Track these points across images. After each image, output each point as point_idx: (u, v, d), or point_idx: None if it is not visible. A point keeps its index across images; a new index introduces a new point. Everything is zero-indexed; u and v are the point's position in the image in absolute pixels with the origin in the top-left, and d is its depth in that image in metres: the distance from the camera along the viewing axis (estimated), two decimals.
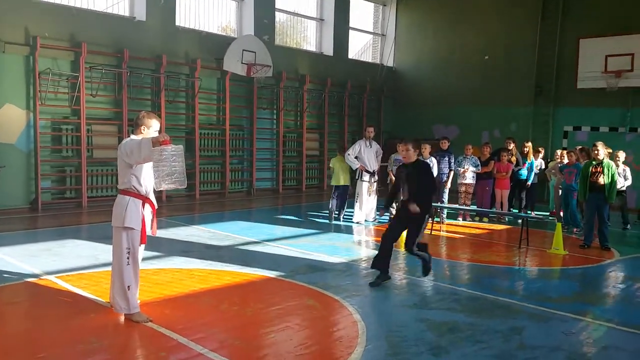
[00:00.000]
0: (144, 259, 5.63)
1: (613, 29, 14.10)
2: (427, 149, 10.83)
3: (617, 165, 10.28)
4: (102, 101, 12.20)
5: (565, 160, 10.78)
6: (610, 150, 9.91)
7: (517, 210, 11.94)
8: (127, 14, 12.94)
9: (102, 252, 7.50)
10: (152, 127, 5.05)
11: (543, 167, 12.53)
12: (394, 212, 6.88)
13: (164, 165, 4.63)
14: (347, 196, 11.17)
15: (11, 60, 10.91)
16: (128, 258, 4.96)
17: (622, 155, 10.70)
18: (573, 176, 10.17)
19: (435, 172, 10.82)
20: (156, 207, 5.28)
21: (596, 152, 8.89)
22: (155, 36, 13.00)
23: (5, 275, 6.42)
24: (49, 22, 11.34)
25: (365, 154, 10.84)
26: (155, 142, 4.66)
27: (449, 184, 11.24)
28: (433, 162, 10.80)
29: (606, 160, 8.89)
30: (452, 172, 11.26)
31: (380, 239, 6.87)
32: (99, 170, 12.22)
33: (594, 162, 8.91)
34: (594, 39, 14.47)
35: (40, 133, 11.26)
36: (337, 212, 11.04)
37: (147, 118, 5.07)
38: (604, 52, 14.14)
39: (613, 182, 8.73)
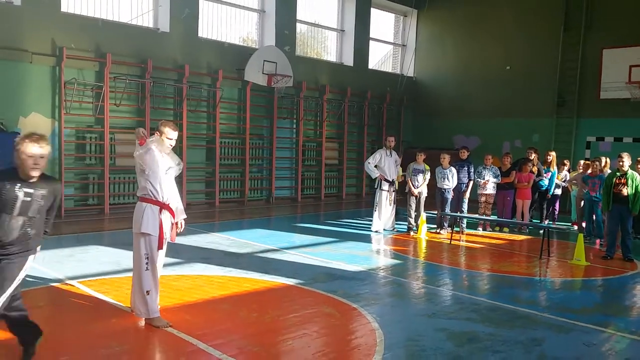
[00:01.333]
0: (164, 265, 5.70)
1: (637, 39, 13.92)
2: (446, 158, 10.82)
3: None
4: (126, 110, 12.41)
5: (587, 170, 10.62)
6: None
7: (538, 221, 11.80)
8: (151, 25, 13.17)
9: (124, 258, 7.60)
10: (164, 134, 5.10)
11: (568, 178, 12.34)
12: None
13: None
14: None
15: (38, 70, 11.17)
16: (147, 263, 5.03)
17: None
18: (597, 187, 9.97)
19: (455, 182, 10.81)
20: (185, 216, 5.34)
21: (621, 163, 8.74)
22: (178, 47, 13.21)
23: (29, 279, 6.51)
24: (75, 33, 11.59)
25: (386, 163, 10.85)
26: (137, 137, 5.02)
27: (468, 194, 11.17)
28: (453, 172, 10.78)
29: (630, 172, 8.76)
30: (471, 182, 11.20)
31: (396, 247, 6.82)
32: (121, 178, 12.41)
33: (617, 173, 8.78)
34: (618, 49, 14.31)
35: (65, 141, 11.48)
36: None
37: (162, 126, 5.14)
38: (628, 62, 13.96)
39: (637, 193, 8.58)
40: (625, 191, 8.59)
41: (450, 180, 10.77)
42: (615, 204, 8.75)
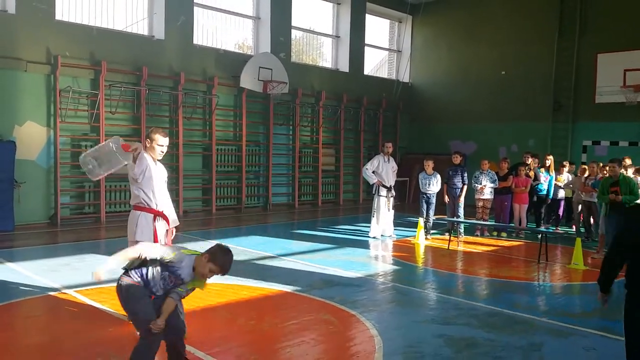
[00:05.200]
0: None
1: (631, 44, 14.00)
2: (429, 165, 10.87)
3: (625, 170, 9.63)
4: (121, 118, 12.38)
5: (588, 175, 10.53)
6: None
7: (534, 225, 11.78)
8: (146, 33, 13.17)
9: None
10: (154, 142, 5.09)
11: (566, 182, 12.30)
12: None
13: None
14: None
15: (33, 78, 11.13)
16: None
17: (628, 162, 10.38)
18: None
19: (438, 187, 10.85)
20: (177, 223, 5.33)
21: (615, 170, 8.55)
22: (174, 54, 13.20)
23: (25, 289, 6.49)
24: (69, 41, 11.57)
25: (384, 169, 10.85)
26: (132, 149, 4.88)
27: (462, 199, 11.13)
28: (437, 178, 10.88)
29: (622, 176, 8.58)
30: (465, 187, 11.16)
31: (393, 253, 6.79)
32: (117, 186, 12.35)
33: (610, 180, 8.58)
34: (612, 54, 14.37)
35: (60, 149, 11.44)
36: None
37: (152, 133, 5.14)
38: (623, 67, 14.03)
39: (634, 196, 8.41)
40: (620, 198, 8.42)
41: (434, 186, 10.86)
42: (612, 211, 8.57)
